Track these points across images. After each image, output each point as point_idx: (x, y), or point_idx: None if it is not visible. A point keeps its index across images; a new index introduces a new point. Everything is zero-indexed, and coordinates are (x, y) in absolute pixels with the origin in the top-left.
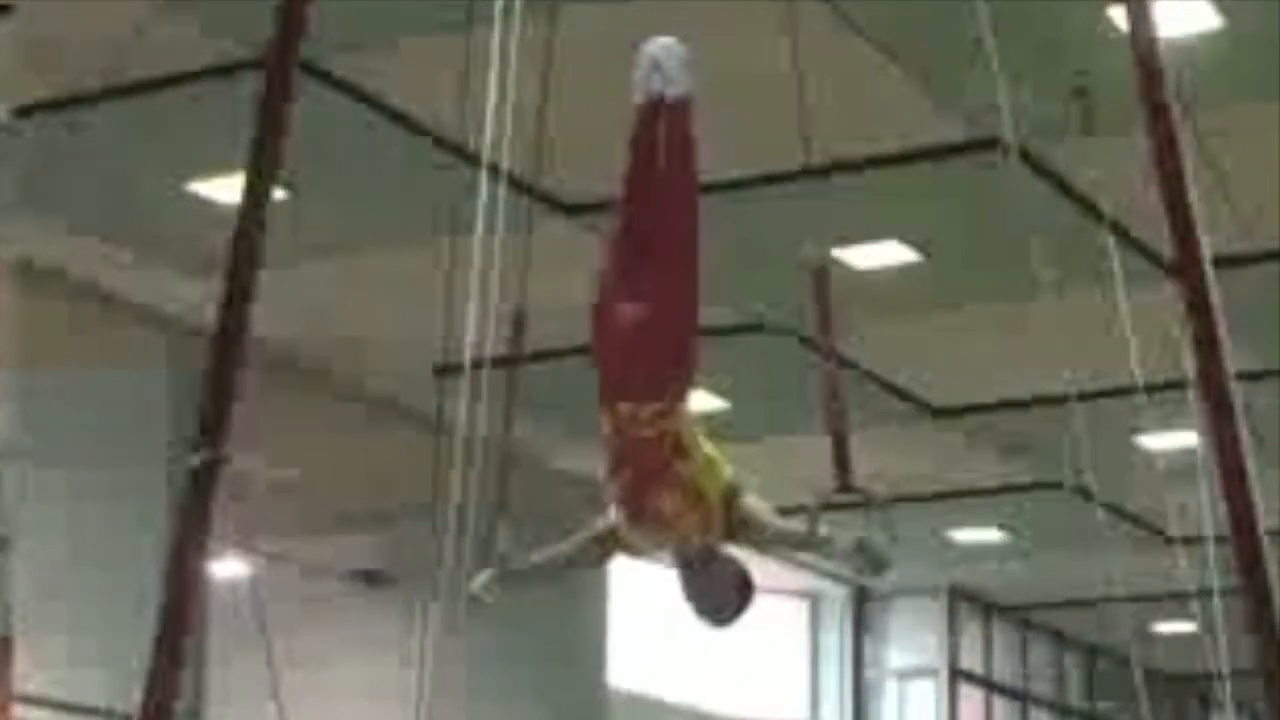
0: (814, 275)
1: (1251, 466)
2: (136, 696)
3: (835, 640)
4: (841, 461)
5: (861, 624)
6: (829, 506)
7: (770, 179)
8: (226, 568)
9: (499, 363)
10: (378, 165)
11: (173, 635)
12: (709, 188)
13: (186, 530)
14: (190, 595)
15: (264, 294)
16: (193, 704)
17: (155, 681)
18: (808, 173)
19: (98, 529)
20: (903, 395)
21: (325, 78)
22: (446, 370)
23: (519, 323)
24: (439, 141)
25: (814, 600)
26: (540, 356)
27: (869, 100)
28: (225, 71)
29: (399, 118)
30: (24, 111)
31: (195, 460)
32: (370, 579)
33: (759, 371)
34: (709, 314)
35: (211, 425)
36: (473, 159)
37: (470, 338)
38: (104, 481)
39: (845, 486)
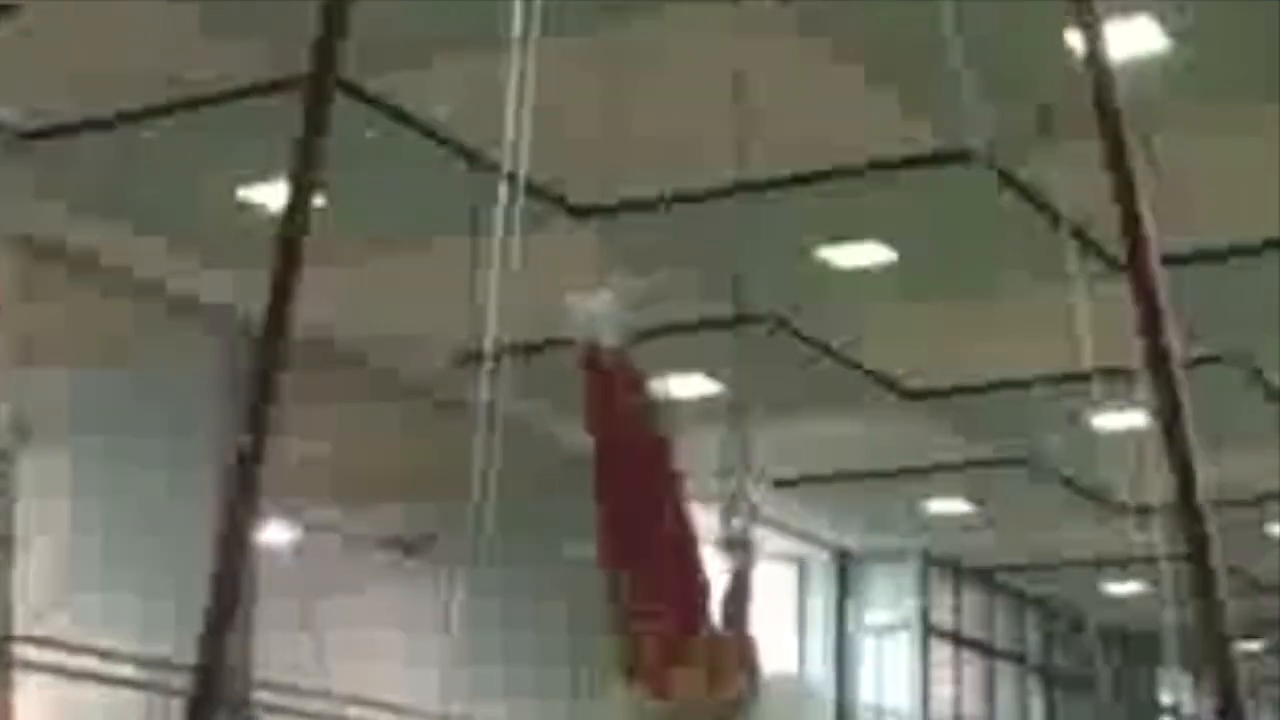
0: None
1: (1193, 443)
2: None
3: (820, 601)
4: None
5: (844, 586)
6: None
7: (764, 184)
8: (270, 536)
9: (517, 351)
10: (408, 173)
11: (223, 600)
12: (723, 192)
13: (235, 502)
14: (239, 563)
15: (305, 288)
16: (242, 663)
17: (207, 641)
18: (799, 180)
19: (160, 499)
20: (880, 380)
21: (359, 94)
22: (472, 358)
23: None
24: (462, 151)
25: (801, 565)
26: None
27: (854, 115)
28: (272, 89)
29: (428, 132)
30: (97, 125)
31: (243, 439)
32: (406, 547)
33: (752, 359)
34: (713, 308)
35: (258, 407)
36: (493, 167)
37: (492, 328)
38: (164, 456)
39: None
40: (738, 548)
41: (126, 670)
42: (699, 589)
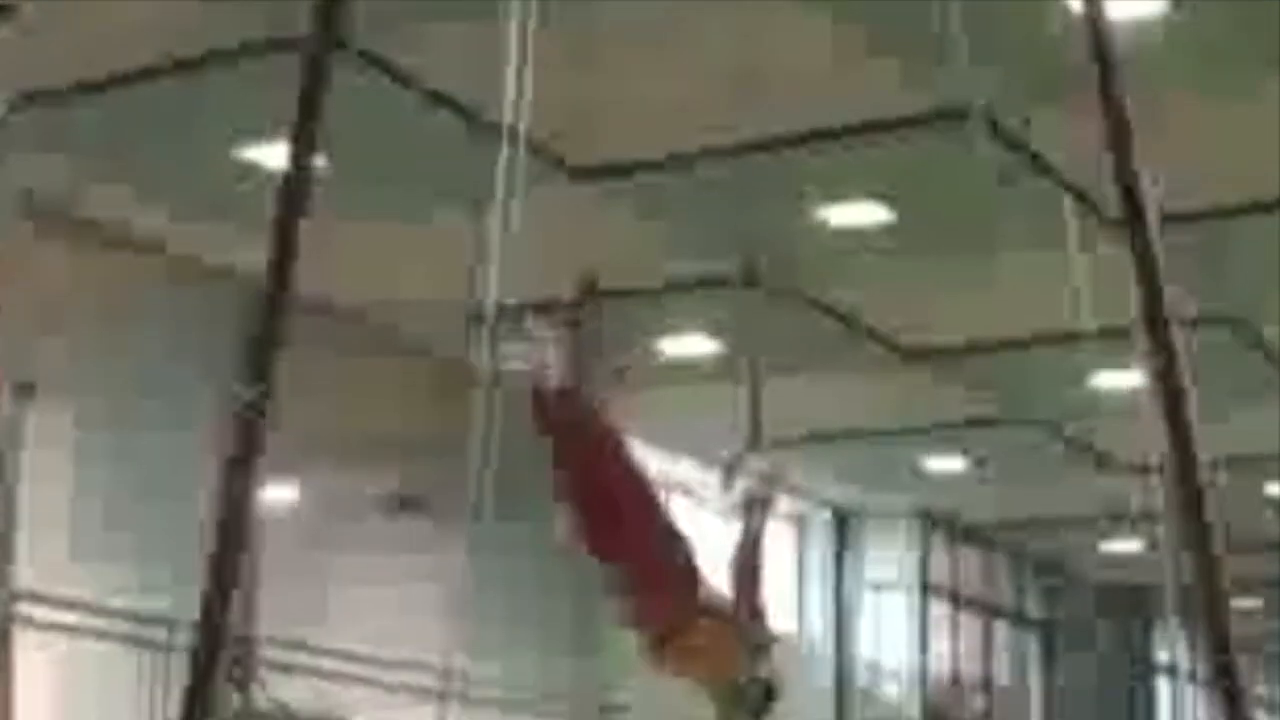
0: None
1: (1191, 402)
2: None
3: (819, 558)
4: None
5: (843, 543)
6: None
7: (762, 144)
8: (271, 494)
9: (519, 311)
10: (408, 133)
11: (226, 558)
12: (732, 150)
13: (236, 460)
14: (241, 524)
15: (305, 248)
16: (244, 620)
17: (210, 599)
18: (797, 140)
19: (162, 458)
20: (879, 339)
21: (361, 55)
22: (474, 319)
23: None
24: (463, 112)
25: (801, 522)
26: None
27: (852, 75)
28: (272, 48)
29: (429, 93)
30: (92, 88)
31: (246, 396)
32: (405, 505)
33: (752, 318)
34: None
35: (259, 366)
36: (495, 129)
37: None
38: (165, 415)
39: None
40: (755, 507)
41: (128, 628)
42: (682, 573)
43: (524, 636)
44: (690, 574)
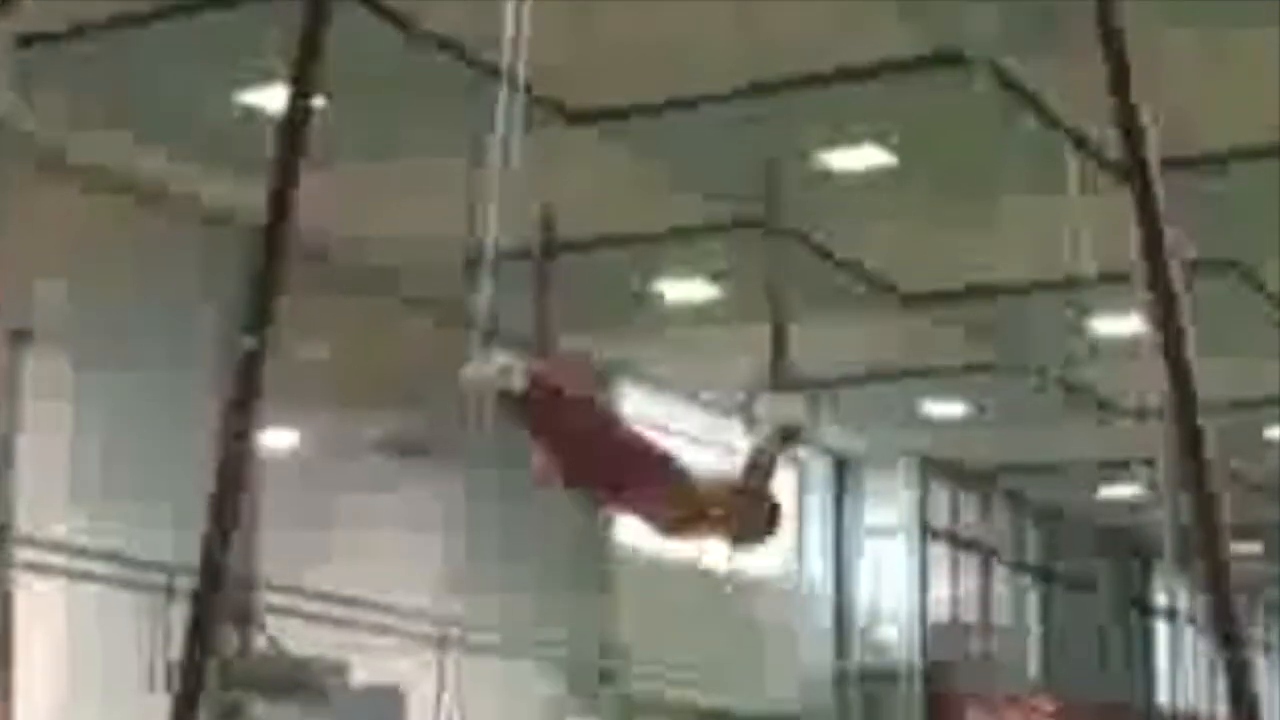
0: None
1: (1191, 347)
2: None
3: (819, 502)
4: (777, 349)
5: (842, 488)
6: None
7: (764, 87)
8: (272, 439)
9: (516, 256)
10: (407, 76)
11: (226, 501)
12: (722, 97)
13: (237, 403)
14: (242, 463)
15: (305, 191)
16: (245, 564)
17: (210, 542)
18: (796, 82)
19: (161, 403)
20: (878, 284)
21: None
22: (472, 263)
23: (548, 222)
24: (462, 55)
25: (800, 467)
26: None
27: (852, 18)
28: None
29: (428, 35)
30: (92, 30)
31: (246, 341)
32: (404, 450)
33: (751, 262)
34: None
35: (260, 308)
36: (492, 71)
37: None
38: (164, 359)
39: (779, 373)
40: (766, 458)
41: (128, 573)
42: (660, 466)
43: (523, 578)
44: (682, 474)
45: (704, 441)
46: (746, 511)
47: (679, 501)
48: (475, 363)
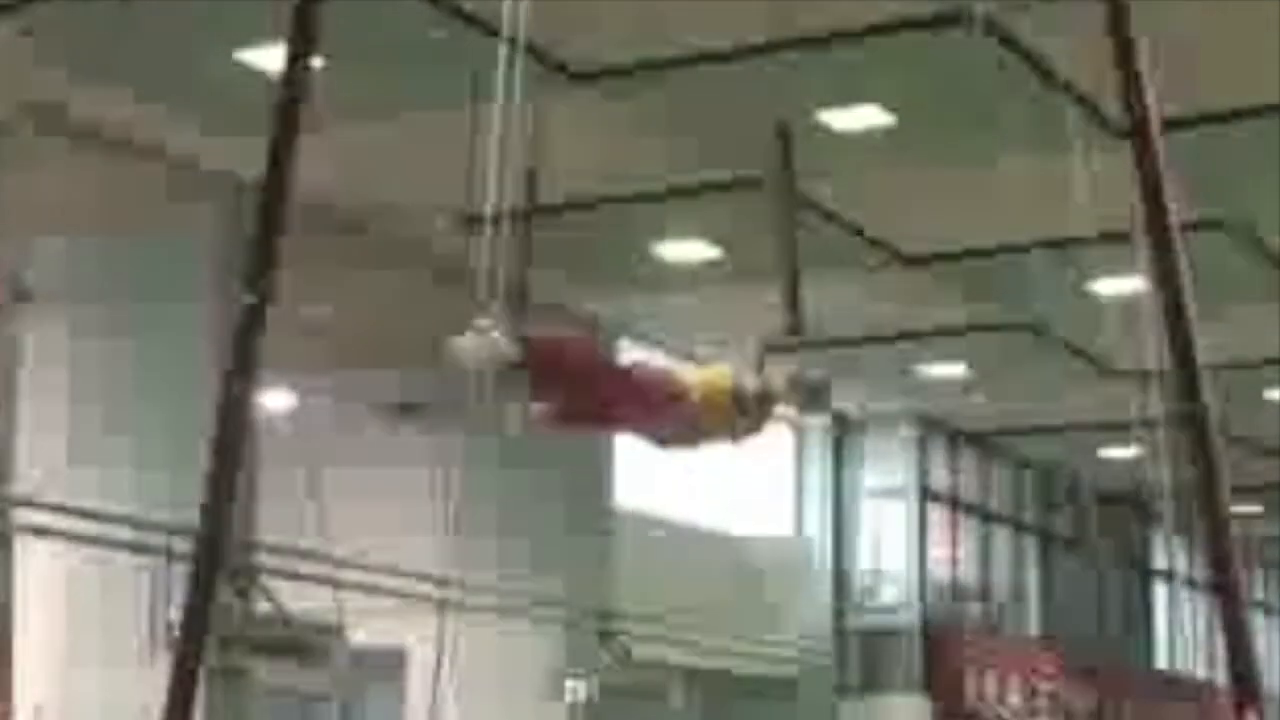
0: (778, 135)
1: (1190, 307)
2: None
3: (817, 464)
4: (791, 305)
5: (841, 449)
6: (778, 348)
7: (763, 47)
8: (270, 400)
9: (517, 216)
10: (407, 36)
11: (224, 462)
12: (723, 56)
13: (237, 364)
14: (241, 424)
15: (304, 153)
16: (243, 528)
17: (209, 506)
18: (797, 42)
19: (159, 365)
20: (877, 244)
21: None
22: (472, 221)
23: (531, 181)
24: (460, 14)
25: (799, 428)
26: (552, 210)
27: None
28: None
29: None
30: None
31: (246, 299)
32: (404, 411)
33: (752, 224)
34: (713, 173)
35: (260, 267)
36: (493, 31)
37: (492, 193)
38: (161, 320)
39: (793, 329)
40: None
41: (126, 535)
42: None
43: (520, 539)
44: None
45: None
46: (740, 426)
47: (680, 418)
48: (463, 340)
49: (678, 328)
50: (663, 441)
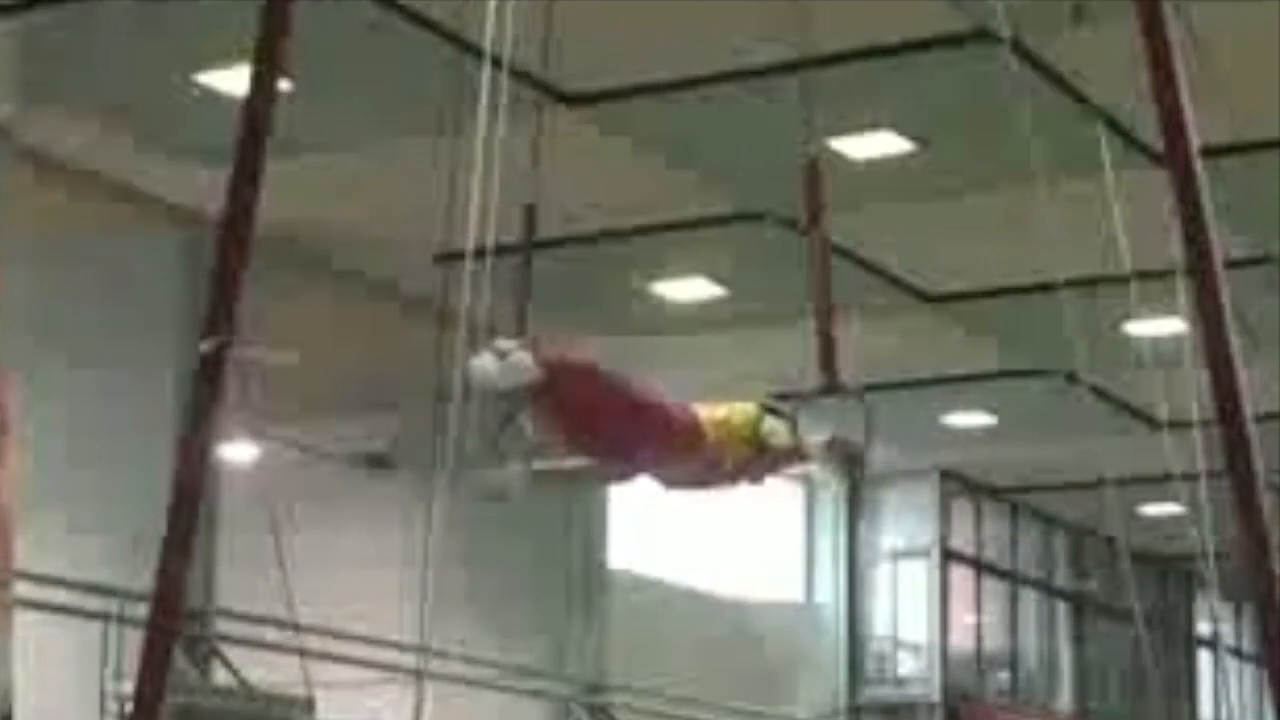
0: (807, 169)
1: (1237, 352)
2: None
3: (830, 522)
4: (827, 360)
5: (855, 506)
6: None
7: (769, 70)
8: (234, 452)
9: (500, 251)
10: (380, 58)
11: (182, 523)
12: (713, 79)
13: (197, 416)
14: (200, 480)
15: (267, 182)
16: (203, 587)
17: (166, 571)
18: (806, 63)
19: (105, 423)
20: (898, 283)
21: None
22: (448, 258)
23: (529, 218)
24: (440, 33)
25: (808, 484)
26: (540, 245)
27: None
28: None
29: (401, 10)
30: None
31: (204, 346)
32: (372, 462)
33: (757, 260)
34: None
35: (219, 312)
36: (475, 51)
37: (472, 227)
38: (109, 372)
39: (830, 386)
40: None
41: (73, 598)
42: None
43: (505, 603)
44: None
45: None
46: (756, 471)
47: (692, 454)
48: (483, 361)
49: (677, 372)
50: (673, 482)
